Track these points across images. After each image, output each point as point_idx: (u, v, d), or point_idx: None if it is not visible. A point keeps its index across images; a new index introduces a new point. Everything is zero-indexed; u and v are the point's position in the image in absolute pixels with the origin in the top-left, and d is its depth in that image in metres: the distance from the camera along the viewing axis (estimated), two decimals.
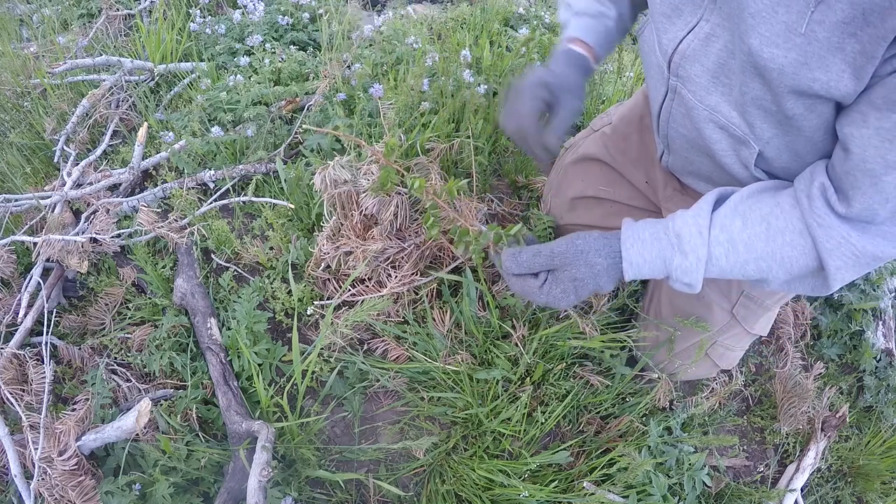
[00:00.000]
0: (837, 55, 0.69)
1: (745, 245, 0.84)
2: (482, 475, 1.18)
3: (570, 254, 0.90)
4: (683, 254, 0.86)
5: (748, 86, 0.80)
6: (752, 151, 0.89)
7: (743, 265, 0.85)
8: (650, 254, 0.88)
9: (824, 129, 0.79)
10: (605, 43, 1.13)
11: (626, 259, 0.89)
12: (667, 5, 0.90)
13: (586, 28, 1.11)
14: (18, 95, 1.92)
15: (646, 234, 0.89)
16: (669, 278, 0.90)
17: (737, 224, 0.85)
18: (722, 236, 0.85)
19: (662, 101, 1.01)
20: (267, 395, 1.21)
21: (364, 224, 1.32)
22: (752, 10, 0.73)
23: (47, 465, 1.08)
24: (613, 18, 1.13)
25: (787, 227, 0.82)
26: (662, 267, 0.88)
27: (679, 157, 1.10)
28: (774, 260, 0.83)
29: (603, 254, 0.90)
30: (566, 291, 0.90)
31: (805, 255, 0.81)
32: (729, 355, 1.35)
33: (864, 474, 1.50)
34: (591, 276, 0.90)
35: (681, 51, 0.89)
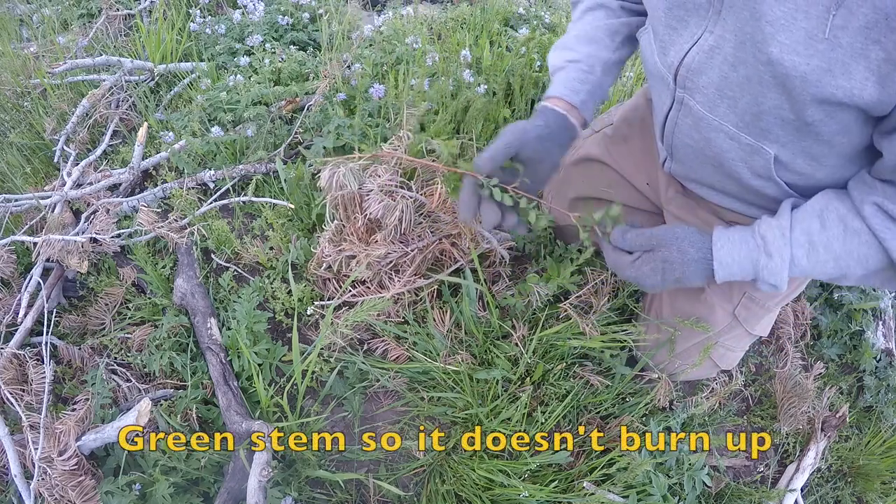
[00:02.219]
0: (861, 62, 0.68)
1: (825, 246, 0.87)
2: (482, 475, 1.18)
3: (668, 238, 0.96)
4: (769, 255, 0.90)
5: (765, 96, 0.79)
6: (768, 158, 0.89)
7: (823, 264, 0.88)
8: (739, 254, 0.93)
9: (844, 133, 0.79)
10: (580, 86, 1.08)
11: (716, 259, 0.94)
12: (673, 17, 0.89)
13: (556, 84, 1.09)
14: (18, 95, 1.92)
15: (735, 237, 0.94)
16: (757, 280, 0.93)
17: (815, 226, 0.88)
18: (802, 238, 0.89)
19: (668, 111, 1.00)
20: (267, 395, 1.21)
21: (367, 228, 1.32)
22: (770, 18, 0.72)
23: (47, 465, 1.08)
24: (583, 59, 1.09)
25: (862, 228, 0.85)
26: (751, 268, 0.93)
27: (683, 165, 1.10)
28: (852, 258, 0.86)
29: (696, 246, 0.95)
30: (654, 270, 0.96)
31: (880, 254, 0.84)
32: (729, 356, 1.35)
33: (864, 474, 1.50)
34: (679, 262, 0.94)
35: (687, 63, 0.89)
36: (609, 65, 1.12)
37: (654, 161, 1.28)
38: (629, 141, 1.33)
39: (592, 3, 1.14)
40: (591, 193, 1.37)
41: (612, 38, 1.11)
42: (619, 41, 1.13)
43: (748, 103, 0.83)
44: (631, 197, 1.35)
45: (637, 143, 1.31)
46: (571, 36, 1.13)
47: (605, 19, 1.13)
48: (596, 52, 1.10)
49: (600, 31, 1.11)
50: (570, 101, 1.07)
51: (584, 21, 1.14)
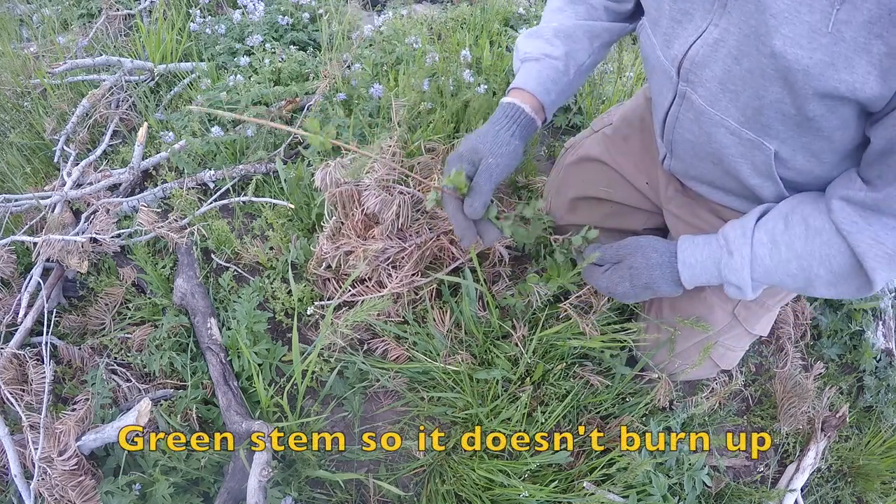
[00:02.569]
0: (864, 56, 0.68)
1: (787, 245, 0.88)
2: (482, 475, 1.18)
3: (632, 247, 1.03)
4: (730, 253, 0.92)
5: (767, 90, 0.79)
6: (768, 153, 0.89)
7: (786, 264, 0.89)
8: (702, 255, 0.96)
9: (844, 128, 0.79)
10: (552, 87, 1.06)
11: (680, 261, 0.98)
12: (677, 10, 0.89)
13: (527, 75, 1.06)
14: (18, 95, 1.92)
15: (699, 240, 0.98)
16: (722, 282, 0.96)
17: (779, 226, 0.90)
18: (765, 237, 0.91)
19: (669, 105, 1.00)
20: (267, 395, 1.21)
21: (365, 223, 1.32)
22: (774, 11, 0.72)
23: (47, 465, 1.08)
24: (561, 57, 1.06)
25: (825, 227, 0.85)
26: (714, 268, 0.95)
27: (682, 161, 1.10)
28: (815, 258, 0.86)
29: (659, 251, 1.01)
30: (623, 277, 1.02)
31: (843, 254, 0.84)
32: (729, 355, 1.35)
33: (864, 474, 1.50)
34: (645, 267, 1.00)
35: (691, 56, 0.89)
36: (583, 68, 1.11)
37: (653, 160, 1.28)
38: (629, 140, 1.33)
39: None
40: (591, 193, 1.38)
41: (591, 40, 1.10)
42: (597, 45, 1.11)
43: (750, 97, 0.83)
44: (630, 196, 1.35)
45: (636, 143, 1.31)
46: (550, 27, 1.09)
47: (588, 19, 1.11)
48: (574, 52, 1.08)
49: (580, 31, 1.09)
50: (541, 99, 1.05)
51: (566, 14, 1.11)
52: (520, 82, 1.07)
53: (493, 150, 0.98)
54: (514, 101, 1.05)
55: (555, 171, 1.52)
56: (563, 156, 1.50)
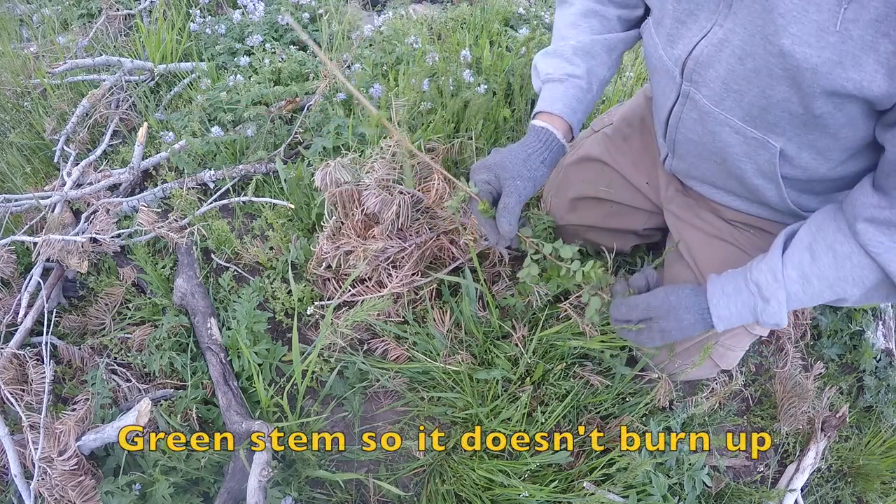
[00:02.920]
0: (871, 55, 0.69)
1: (818, 277, 0.88)
2: (482, 475, 1.18)
3: (663, 309, 0.98)
4: (766, 300, 0.91)
5: (774, 88, 0.80)
6: (773, 151, 0.89)
7: (820, 293, 0.89)
8: (736, 306, 0.95)
9: (850, 126, 0.79)
10: (578, 106, 1.06)
11: (714, 315, 0.96)
12: (682, 11, 0.89)
13: (553, 97, 1.06)
14: (18, 95, 1.92)
15: (729, 289, 0.96)
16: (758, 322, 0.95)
17: (805, 258, 0.89)
18: (795, 274, 0.90)
19: (672, 105, 1.00)
20: (267, 395, 1.21)
21: (365, 223, 1.32)
22: (782, 10, 0.72)
23: (47, 465, 1.08)
24: (583, 76, 1.06)
25: (853, 251, 0.85)
26: (750, 315, 0.94)
27: (684, 161, 1.10)
28: (847, 282, 0.87)
29: (692, 311, 0.97)
30: (652, 339, 1.00)
31: (874, 271, 0.85)
32: (729, 355, 1.35)
33: (864, 474, 1.50)
34: (678, 329, 0.98)
35: (695, 56, 0.89)
36: (603, 82, 1.11)
37: (653, 160, 1.28)
38: (629, 140, 1.33)
39: (587, 9, 1.10)
40: (591, 193, 1.37)
41: (609, 54, 1.10)
42: (614, 58, 1.11)
43: (755, 97, 0.83)
44: (630, 196, 1.35)
45: (637, 143, 1.31)
46: (569, 45, 1.09)
47: (604, 32, 1.10)
48: (594, 68, 1.08)
49: (598, 46, 1.08)
50: (569, 120, 1.05)
51: (580, 29, 1.10)
52: (547, 105, 1.06)
53: (521, 173, 0.97)
54: (547, 126, 1.03)
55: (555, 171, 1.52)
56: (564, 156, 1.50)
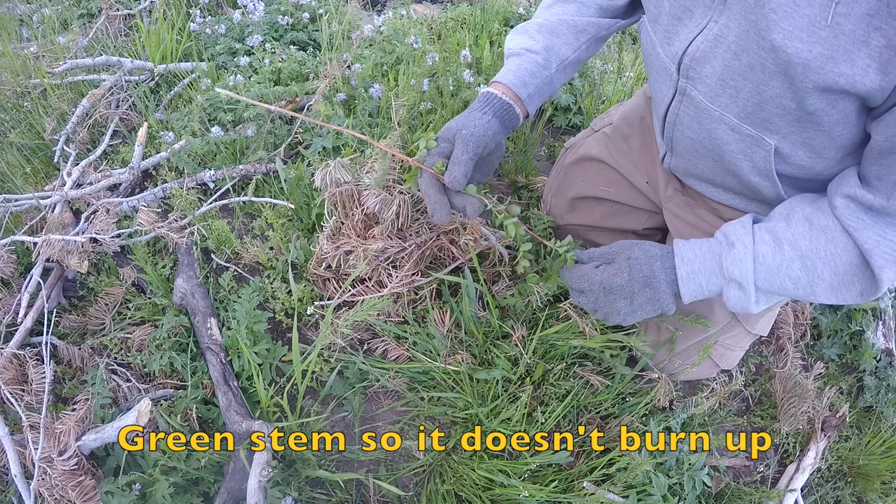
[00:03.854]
0: (863, 49, 0.68)
1: (790, 243, 0.86)
2: (482, 475, 1.18)
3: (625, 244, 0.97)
4: (731, 244, 0.89)
5: (767, 84, 0.80)
6: (768, 149, 0.88)
7: (790, 263, 0.86)
8: (700, 249, 0.92)
9: (844, 123, 0.79)
10: (530, 80, 1.06)
11: (677, 255, 0.93)
12: (678, 7, 0.89)
13: (506, 69, 1.07)
14: (18, 95, 1.92)
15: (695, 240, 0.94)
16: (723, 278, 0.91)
17: (780, 225, 0.87)
18: (767, 236, 0.87)
19: (669, 103, 1.00)
20: (267, 395, 1.21)
21: (365, 223, 1.32)
22: (774, 6, 0.72)
23: (47, 465, 1.08)
24: (540, 52, 1.07)
25: (830, 225, 0.83)
26: (713, 262, 0.90)
27: (683, 159, 1.10)
28: (819, 257, 0.84)
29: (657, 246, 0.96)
30: (620, 269, 0.95)
31: (848, 252, 0.82)
32: (729, 355, 1.35)
33: (864, 474, 1.50)
34: (645, 259, 0.94)
35: (691, 52, 0.89)
36: (567, 63, 1.10)
37: (653, 160, 1.28)
38: (629, 140, 1.33)
39: None
40: (591, 193, 1.38)
41: (576, 35, 1.09)
42: (583, 41, 1.11)
43: (750, 93, 0.83)
44: (630, 196, 1.35)
45: (636, 142, 1.31)
46: (534, 23, 1.10)
47: (575, 15, 1.10)
48: (556, 46, 1.08)
49: (564, 26, 1.09)
50: (517, 92, 1.05)
51: (552, 11, 1.12)
52: (498, 76, 1.07)
53: (465, 124, 0.97)
54: (489, 89, 1.06)
55: (555, 171, 1.52)
56: (563, 155, 1.50)
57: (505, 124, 1.03)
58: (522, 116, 1.07)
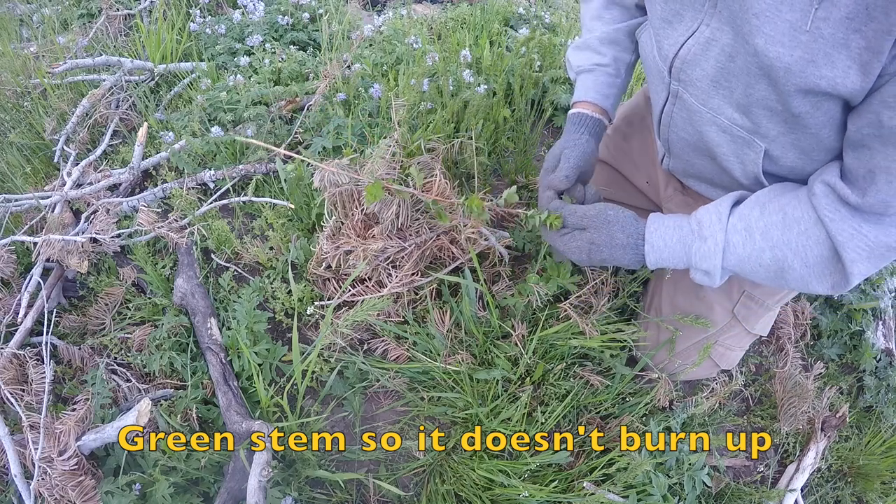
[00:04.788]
0: (843, 52, 0.69)
1: (762, 233, 0.86)
2: (482, 475, 1.18)
3: (599, 219, 0.96)
4: (703, 238, 0.89)
5: (753, 87, 0.80)
6: (758, 151, 0.89)
7: (760, 253, 0.86)
8: (671, 238, 0.92)
9: (830, 125, 0.79)
10: (609, 91, 1.15)
11: (648, 241, 0.94)
12: (668, 11, 0.90)
13: (585, 87, 1.16)
14: (18, 95, 1.92)
15: (669, 222, 0.94)
16: (690, 267, 0.92)
17: (755, 213, 0.87)
18: (740, 224, 0.88)
19: (663, 105, 1.00)
20: (267, 395, 1.21)
21: (365, 223, 1.32)
22: (756, 11, 0.73)
23: (47, 465, 1.08)
24: (611, 63, 1.15)
25: (804, 216, 0.83)
26: (683, 252, 0.92)
27: (680, 160, 1.10)
28: (790, 248, 0.84)
29: (627, 232, 0.95)
30: (581, 249, 0.97)
31: (820, 245, 0.82)
32: (729, 355, 1.35)
33: (864, 474, 1.50)
34: (607, 246, 0.95)
35: (681, 56, 0.89)
36: (630, 65, 1.18)
37: (653, 160, 1.29)
38: (629, 140, 1.33)
39: (608, 0, 1.17)
40: None
41: (631, 38, 1.15)
42: (636, 41, 1.15)
43: (740, 95, 0.83)
44: (630, 195, 1.35)
45: (637, 142, 1.32)
46: (594, 37, 1.17)
47: (626, 20, 1.15)
48: (620, 54, 1.15)
49: (621, 33, 1.14)
50: (603, 105, 1.14)
51: (604, 20, 1.17)
52: (580, 95, 1.16)
53: (566, 144, 1.09)
54: (578, 110, 1.14)
55: None
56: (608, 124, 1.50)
57: (597, 137, 1.13)
58: (608, 122, 1.17)
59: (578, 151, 1.06)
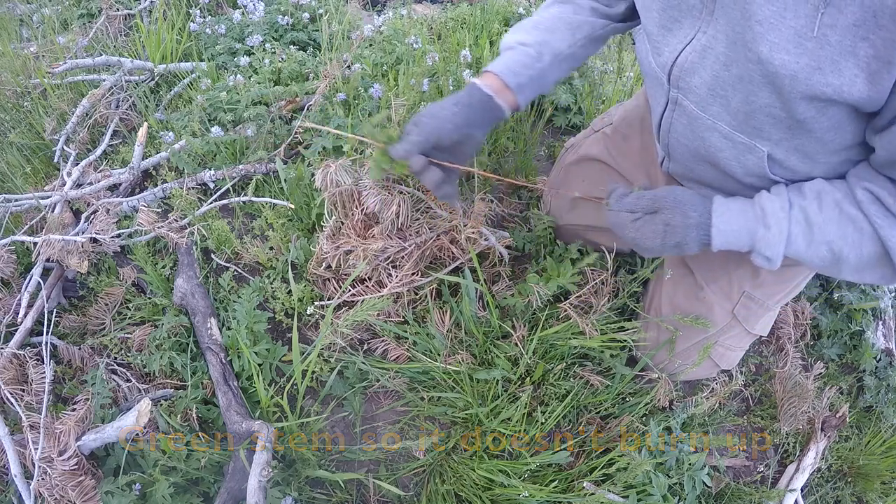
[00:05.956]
0: (850, 59, 0.68)
1: (820, 227, 0.87)
2: (482, 475, 1.18)
3: (671, 200, 0.95)
4: (767, 226, 0.89)
5: (756, 95, 0.80)
6: (761, 156, 0.89)
7: (818, 246, 0.88)
8: (737, 223, 0.92)
9: (836, 129, 0.79)
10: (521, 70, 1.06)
11: (714, 225, 0.93)
12: (667, 18, 0.89)
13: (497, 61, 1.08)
14: (18, 95, 1.91)
15: (734, 206, 0.93)
16: (752, 251, 0.93)
17: (813, 207, 0.88)
18: (800, 216, 0.88)
19: (663, 111, 1.00)
20: (267, 395, 1.21)
21: (365, 223, 1.32)
22: (760, 18, 0.72)
23: (47, 465, 1.08)
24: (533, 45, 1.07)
25: (857, 215, 0.84)
26: (748, 238, 0.92)
27: (680, 165, 1.10)
28: (846, 243, 0.85)
29: (699, 210, 0.94)
30: (655, 233, 0.95)
31: (874, 241, 0.83)
32: (729, 355, 1.35)
33: (864, 474, 1.50)
34: (682, 226, 0.94)
35: (680, 63, 0.89)
36: (561, 57, 1.10)
37: (653, 160, 1.28)
38: (629, 140, 1.33)
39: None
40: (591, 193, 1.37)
41: (572, 32, 1.10)
42: (578, 37, 1.11)
43: (740, 102, 0.83)
44: None
45: (636, 143, 1.31)
46: (531, 21, 1.12)
47: (571, 14, 1.12)
48: (550, 41, 1.08)
49: (560, 23, 1.10)
50: (506, 80, 1.05)
51: (549, 11, 1.13)
52: (487, 67, 1.08)
53: (430, 112, 1.01)
54: (476, 80, 1.06)
55: (555, 171, 1.52)
56: (563, 155, 1.50)
57: (483, 116, 1.03)
58: (509, 108, 1.06)
59: (436, 125, 0.98)
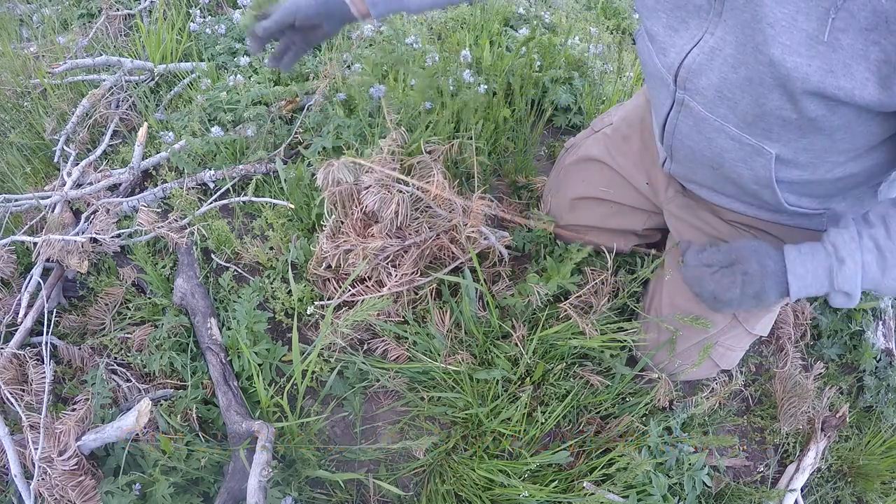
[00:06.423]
0: (861, 63, 0.68)
1: (892, 252, 0.87)
2: (482, 475, 1.18)
3: (747, 250, 0.96)
4: (841, 260, 0.89)
5: (766, 97, 0.79)
6: (769, 157, 0.88)
7: (891, 270, 0.88)
8: (811, 264, 0.92)
9: (845, 128, 0.79)
10: None
11: (790, 271, 0.93)
12: (675, 19, 0.89)
13: None
14: (18, 95, 1.91)
15: (805, 248, 0.93)
16: (830, 292, 0.92)
17: (881, 233, 0.88)
18: (870, 243, 0.88)
19: (668, 112, 1.00)
20: (267, 395, 1.21)
21: (364, 222, 1.32)
22: (771, 20, 0.72)
23: (47, 465, 1.08)
24: None
25: None
26: (825, 276, 0.91)
27: (682, 166, 1.10)
28: None
29: (774, 258, 0.95)
30: (734, 283, 0.96)
31: None
32: (729, 356, 1.35)
33: (864, 474, 1.50)
34: (759, 275, 0.94)
35: (687, 64, 0.89)
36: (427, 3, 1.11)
37: (653, 161, 1.28)
38: (629, 140, 1.33)
39: None
40: (591, 194, 1.38)
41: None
42: None
43: (749, 104, 0.83)
44: (630, 196, 1.35)
45: (636, 143, 1.31)
46: None
47: None
48: None
49: None
50: None
51: None
52: None
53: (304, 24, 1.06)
54: None
55: (555, 171, 1.52)
56: (563, 156, 1.50)
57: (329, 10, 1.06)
58: (359, 13, 1.08)
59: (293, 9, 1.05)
